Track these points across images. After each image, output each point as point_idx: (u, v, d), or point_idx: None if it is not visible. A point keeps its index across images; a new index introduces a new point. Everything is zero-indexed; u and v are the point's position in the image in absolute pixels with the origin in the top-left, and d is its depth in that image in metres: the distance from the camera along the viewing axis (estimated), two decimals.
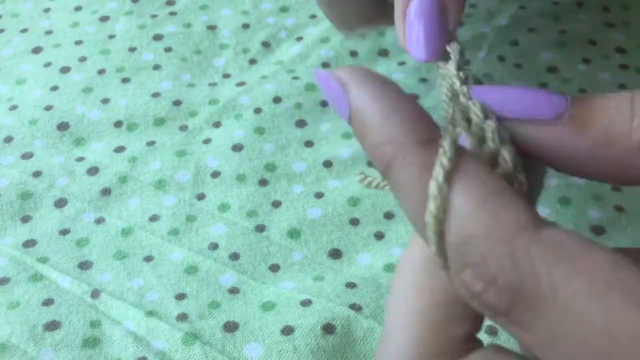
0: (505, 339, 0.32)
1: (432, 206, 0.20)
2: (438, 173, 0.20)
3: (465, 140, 0.23)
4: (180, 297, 0.34)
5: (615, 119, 0.22)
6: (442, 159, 0.20)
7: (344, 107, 0.22)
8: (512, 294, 0.19)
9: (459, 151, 0.21)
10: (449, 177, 0.20)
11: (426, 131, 0.21)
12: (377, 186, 0.26)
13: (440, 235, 0.20)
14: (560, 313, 0.18)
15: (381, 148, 0.21)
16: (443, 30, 0.27)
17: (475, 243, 0.19)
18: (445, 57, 0.26)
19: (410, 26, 0.27)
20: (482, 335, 0.32)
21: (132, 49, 0.46)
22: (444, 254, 0.20)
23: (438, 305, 0.22)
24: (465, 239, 0.20)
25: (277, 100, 0.43)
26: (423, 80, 0.44)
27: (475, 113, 0.23)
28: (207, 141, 0.41)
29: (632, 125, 0.22)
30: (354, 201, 0.38)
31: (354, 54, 0.46)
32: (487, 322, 0.32)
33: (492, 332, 0.32)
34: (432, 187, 0.20)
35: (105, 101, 0.43)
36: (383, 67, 0.45)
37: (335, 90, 0.23)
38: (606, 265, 0.18)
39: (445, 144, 0.21)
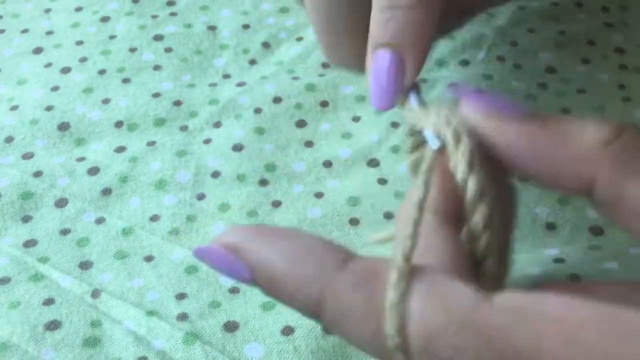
0: None
1: (391, 318, 0.20)
2: (394, 287, 0.20)
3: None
4: (181, 296, 0.34)
5: (572, 123, 0.24)
6: (395, 274, 0.21)
7: (242, 270, 0.22)
8: None
9: (409, 262, 0.21)
10: (404, 288, 0.20)
11: (336, 254, 0.22)
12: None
13: (405, 347, 0.20)
14: None
15: (303, 291, 0.21)
16: (397, 87, 0.28)
17: (441, 342, 0.20)
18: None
19: (370, 76, 0.29)
20: None
21: (132, 50, 0.46)
22: None
23: None
24: (428, 342, 0.20)
25: (277, 100, 0.43)
26: (423, 80, 0.44)
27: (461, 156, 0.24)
28: (207, 141, 0.41)
29: (586, 126, 0.24)
30: (354, 201, 0.38)
31: None
32: None
33: None
34: (390, 301, 0.20)
35: (106, 101, 0.43)
36: None
37: (227, 258, 0.22)
38: (557, 308, 0.19)
39: (396, 261, 0.21)
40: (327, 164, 0.40)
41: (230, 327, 0.33)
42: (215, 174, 0.39)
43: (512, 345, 0.19)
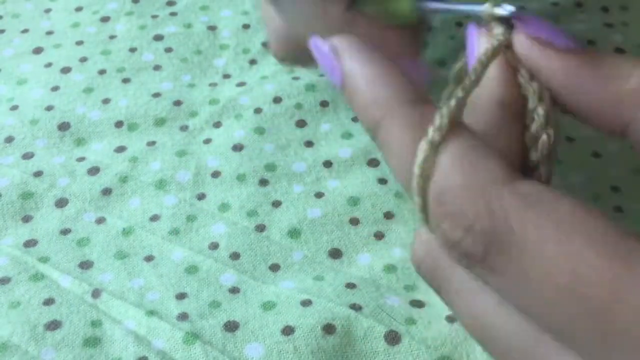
0: None
1: (419, 162, 0.22)
2: (431, 133, 0.22)
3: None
4: (181, 296, 0.34)
5: (620, 64, 0.25)
6: (438, 121, 0.22)
7: (337, 73, 0.24)
8: (487, 239, 0.20)
9: (454, 118, 0.22)
10: (439, 137, 0.22)
11: (412, 93, 0.23)
12: None
13: (424, 191, 0.22)
14: (530, 257, 0.20)
15: (369, 110, 0.23)
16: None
17: (453, 194, 0.21)
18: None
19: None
20: None
21: (132, 50, 0.46)
22: (425, 208, 0.22)
23: None
24: (443, 191, 0.21)
25: (277, 100, 0.43)
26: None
27: (522, 75, 0.25)
28: (207, 141, 0.41)
29: (634, 69, 0.24)
30: (354, 201, 0.38)
31: None
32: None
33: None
34: (422, 145, 0.22)
35: (106, 101, 0.43)
36: None
37: (329, 58, 0.25)
38: (573, 212, 0.20)
39: (445, 107, 0.22)
40: (327, 164, 0.40)
41: (230, 327, 0.33)
42: (215, 174, 0.39)
43: (507, 222, 0.20)
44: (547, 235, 0.20)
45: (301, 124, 0.42)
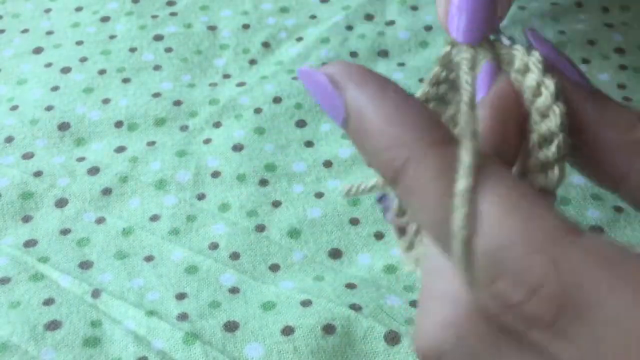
0: None
1: (458, 214, 0.18)
2: (462, 178, 0.19)
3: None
4: (181, 296, 0.34)
5: (624, 112, 0.23)
6: (465, 162, 0.19)
7: (337, 108, 0.20)
8: (558, 302, 0.18)
9: (482, 154, 0.19)
10: (475, 181, 0.19)
11: (439, 132, 0.20)
12: (363, 191, 0.25)
13: (467, 245, 0.19)
14: (607, 322, 0.17)
15: (388, 153, 0.19)
16: (489, 18, 0.25)
17: (512, 251, 0.18)
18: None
19: (454, 7, 0.26)
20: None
21: (132, 50, 0.46)
22: (471, 266, 0.19)
23: None
24: (498, 247, 0.18)
25: (277, 100, 0.43)
26: (423, 81, 0.44)
27: (535, 63, 0.23)
28: (207, 141, 0.41)
29: (638, 122, 0.23)
30: (353, 201, 0.38)
31: (353, 54, 0.46)
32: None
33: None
34: (458, 194, 0.19)
35: (106, 101, 0.43)
36: (382, 68, 0.45)
37: (326, 90, 0.20)
38: None
39: (467, 147, 0.19)
40: (327, 164, 0.40)
41: (230, 327, 0.33)
42: (215, 174, 0.39)
43: (580, 282, 0.18)
44: (625, 299, 0.17)
45: (301, 124, 0.42)
